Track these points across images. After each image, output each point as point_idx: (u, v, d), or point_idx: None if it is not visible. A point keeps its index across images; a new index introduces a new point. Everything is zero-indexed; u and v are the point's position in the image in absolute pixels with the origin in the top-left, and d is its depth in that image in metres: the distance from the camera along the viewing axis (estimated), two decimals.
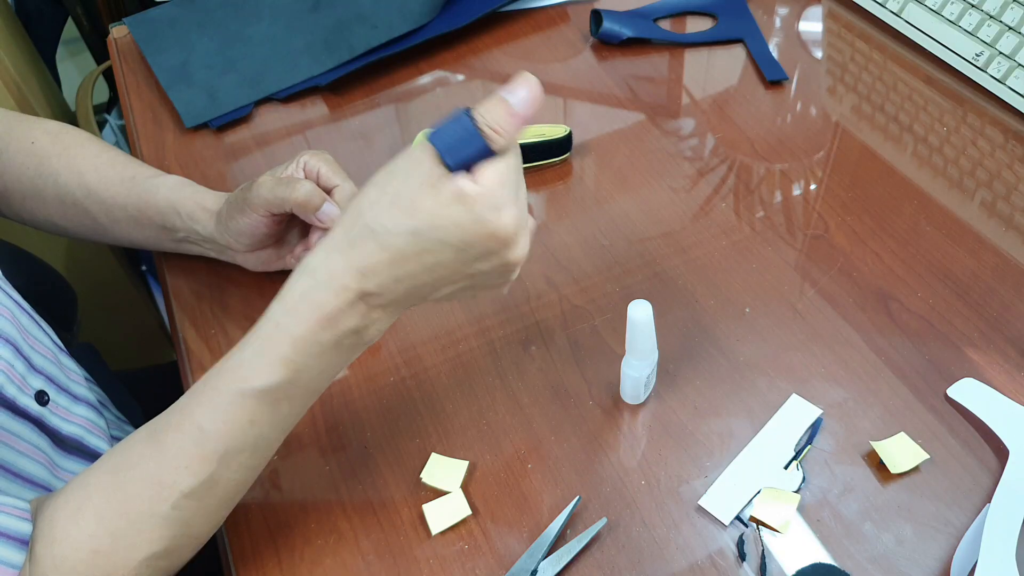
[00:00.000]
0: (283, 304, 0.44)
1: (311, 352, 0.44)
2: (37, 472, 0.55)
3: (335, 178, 0.61)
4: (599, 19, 0.85)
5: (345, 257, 0.43)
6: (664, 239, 0.67)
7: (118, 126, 1.39)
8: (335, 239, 0.44)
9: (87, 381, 0.65)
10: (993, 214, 0.67)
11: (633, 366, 0.54)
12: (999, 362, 0.58)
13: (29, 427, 0.55)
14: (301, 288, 0.44)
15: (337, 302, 0.43)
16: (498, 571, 0.50)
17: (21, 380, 0.55)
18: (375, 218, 0.43)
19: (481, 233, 0.42)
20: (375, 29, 0.85)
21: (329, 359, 0.45)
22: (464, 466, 0.54)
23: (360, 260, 0.43)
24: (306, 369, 0.45)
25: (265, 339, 0.44)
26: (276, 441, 0.48)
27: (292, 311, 0.44)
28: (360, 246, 0.43)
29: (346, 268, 0.43)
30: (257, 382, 0.44)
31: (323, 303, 0.43)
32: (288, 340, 0.44)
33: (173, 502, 0.44)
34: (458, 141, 0.42)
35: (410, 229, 0.42)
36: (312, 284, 0.44)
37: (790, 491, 0.52)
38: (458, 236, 0.42)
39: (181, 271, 0.69)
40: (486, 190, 0.42)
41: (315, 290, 0.44)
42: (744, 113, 0.78)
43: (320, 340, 0.44)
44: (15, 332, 0.54)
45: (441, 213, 0.42)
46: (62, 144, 0.66)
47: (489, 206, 0.42)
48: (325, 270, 0.44)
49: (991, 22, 0.76)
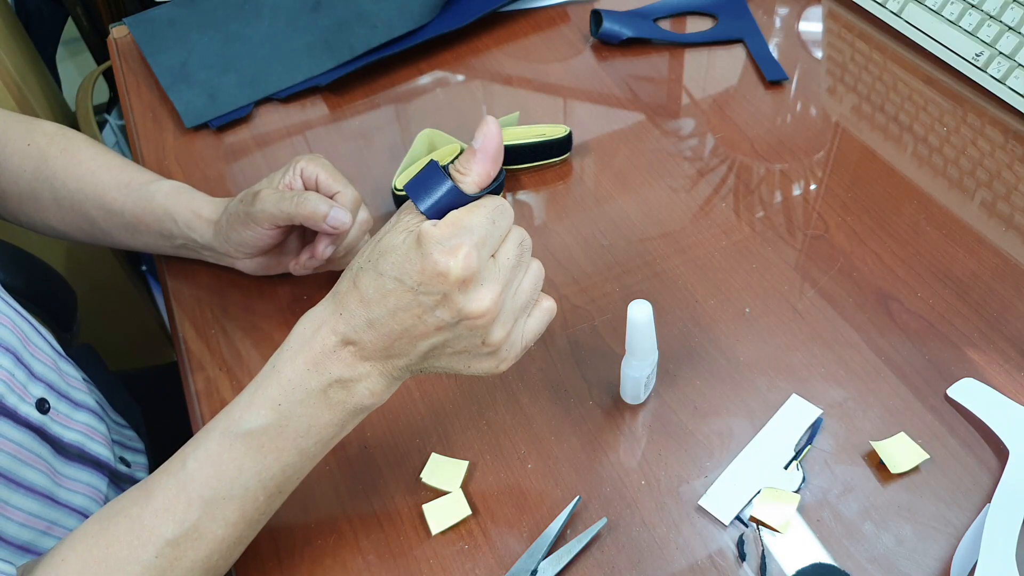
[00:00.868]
0: (280, 349, 0.45)
1: (297, 398, 0.44)
2: (39, 480, 0.55)
3: (335, 184, 0.60)
4: (599, 19, 0.85)
5: (332, 300, 0.45)
6: (664, 239, 0.67)
7: (118, 126, 1.39)
8: (334, 288, 0.46)
9: (87, 384, 0.65)
10: (993, 214, 0.67)
11: (633, 366, 0.54)
12: (999, 362, 0.58)
13: (31, 436, 0.55)
14: (297, 333, 0.45)
15: (321, 345, 0.44)
16: (498, 571, 0.50)
17: (22, 389, 0.55)
18: (358, 259, 0.45)
19: (430, 271, 0.42)
20: (375, 29, 0.85)
21: (317, 411, 0.44)
22: (464, 466, 0.54)
23: (341, 302, 0.44)
24: (292, 417, 0.44)
25: (259, 382, 0.45)
26: (263, 505, 0.46)
27: (284, 354, 0.45)
28: (343, 290, 0.45)
29: (331, 311, 0.44)
30: (244, 424, 0.44)
31: (311, 346, 0.44)
32: (277, 382, 0.44)
33: (156, 549, 0.43)
34: (427, 186, 0.44)
35: (374, 266, 0.43)
36: (304, 328, 0.45)
37: (790, 491, 0.52)
38: (410, 275, 0.42)
39: (181, 272, 0.69)
40: (443, 231, 0.42)
41: (306, 333, 0.45)
42: (744, 113, 0.78)
43: (307, 385, 0.44)
44: (16, 341, 0.54)
45: (401, 252, 0.43)
46: (59, 146, 0.65)
47: (443, 246, 0.42)
48: (317, 315, 0.45)
49: (991, 22, 0.76)
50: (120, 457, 0.66)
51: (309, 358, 0.44)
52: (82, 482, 0.60)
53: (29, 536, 0.54)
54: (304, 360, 0.44)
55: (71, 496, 0.58)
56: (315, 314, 0.45)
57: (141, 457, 0.70)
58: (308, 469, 0.47)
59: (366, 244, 0.46)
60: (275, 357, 0.45)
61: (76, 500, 0.59)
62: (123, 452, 0.67)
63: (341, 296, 0.45)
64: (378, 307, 0.43)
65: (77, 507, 0.59)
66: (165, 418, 0.76)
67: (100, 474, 0.62)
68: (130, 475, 0.66)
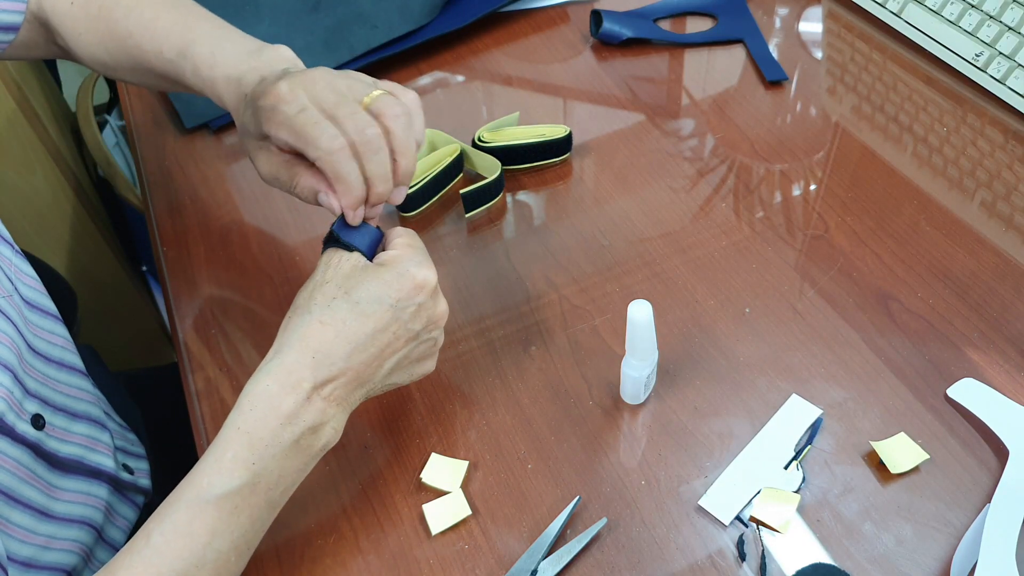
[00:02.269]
0: (241, 408, 0.45)
1: (271, 453, 0.44)
2: (34, 496, 0.55)
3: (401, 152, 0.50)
4: (599, 19, 0.85)
5: (296, 351, 0.45)
6: (664, 239, 0.67)
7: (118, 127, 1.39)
8: (286, 337, 0.46)
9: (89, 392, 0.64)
10: (993, 214, 0.67)
11: (633, 366, 0.54)
12: (999, 362, 0.58)
13: (27, 452, 0.55)
14: (259, 390, 0.45)
15: (294, 397, 0.44)
16: (498, 571, 0.50)
17: (19, 406, 0.55)
18: (311, 302, 0.47)
19: (409, 285, 0.48)
20: (375, 29, 0.85)
21: (288, 462, 0.45)
22: (464, 466, 0.54)
23: (311, 347, 0.45)
24: (265, 473, 0.44)
25: (225, 444, 0.44)
26: (234, 565, 0.45)
27: (251, 413, 0.44)
28: (307, 334, 0.45)
29: (298, 359, 0.45)
30: (216, 488, 0.43)
31: (281, 401, 0.44)
32: (247, 442, 0.44)
33: None
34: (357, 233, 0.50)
35: (346, 298, 0.46)
36: (269, 384, 0.44)
37: (790, 491, 0.52)
38: (390, 293, 0.47)
39: (181, 272, 0.69)
40: (403, 252, 0.49)
41: (272, 389, 0.44)
42: (744, 113, 0.78)
43: (280, 440, 0.44)
44: (13, 358, 0.54)
45: (371, 278, 0.47)
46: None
47: (410, 262, 0.48)
48: (280, 368, 0.45)
49: (991, 22, 0.76)
50: (123, 464, 0.66)
51: (281, 414, 0.44)
52: (81, 492, 0.60)
53: (30, 552, 0.54)
54: (277, 418, 0.44)
55: (69, 508, 0.58)
56: (278, 367, 0.45)
57: (143, 463, 0.70)
58: (271, 520, 0.47)
59: (302, 290, 0.48)
60: (238, 419, 0.44)
61: (75, 511, 0.59)
62: (126, 459, 0.67)
63: (307, 340, 0.45)
64: (359, 334, 0.46)
65: (77, 517, 0.59)
66: (165, 419, 0.76)
67: (100, 482, 0.62)
68: (133, 482, 0.66)
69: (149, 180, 0.77)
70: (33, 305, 0.60)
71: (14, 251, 0.61)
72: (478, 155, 0.72)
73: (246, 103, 0.52)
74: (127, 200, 1.21)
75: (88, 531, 0.59)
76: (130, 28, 0.60)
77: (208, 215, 0.73)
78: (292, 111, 0.48)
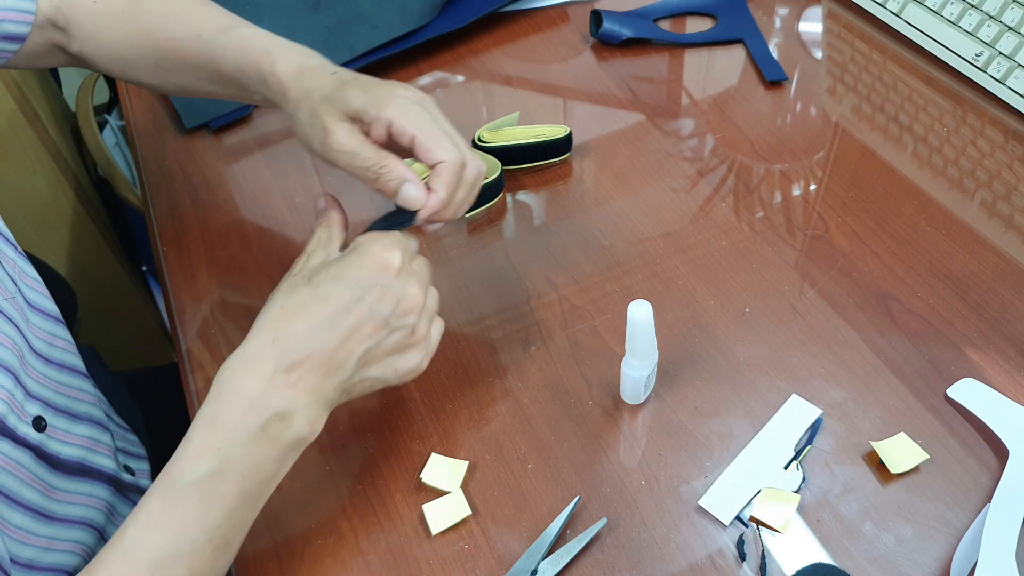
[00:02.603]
0: (209, 397, 0.45)
1: (237, 439, 0.43)
2: (34, 498, 0.55)
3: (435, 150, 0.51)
4: (599, 19, 0.85)
5: (259, 336, 0.45)
6: (664, 239, 0.67)
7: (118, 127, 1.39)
8: (253, 327, 0.46)
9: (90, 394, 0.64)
10: (993, 214, 0.67)
11: (633, 366, 0.54)
12: (999, 362, 0.58)
13: (28, 455, 0.55)
14: (224, 377, 0.45)
15: (257, 381, 0.44)
16: (498, 571, 0.50)
17: (20, 408, 0.55)
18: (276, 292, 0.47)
19: (370, 264, 0.47)
20: (375, 29, 0.85)
21: (258, 450, 0.44)
22: (464, 466, 0.54)
23: (272, 330, 0.45)
24: (234, 460, 0.43)
25: (193, 432, 0.44)
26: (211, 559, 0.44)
27: (217, 399, 0.44)
28: (269, 319, 0.46)
29: (261, 344, 0.45)
30: (185, 476, 0.43)
31: (243, 385, 0.44)
32: (213, 428, 0.43)
33: None
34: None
35: (307, 283, 0.47)
36: (233, 370, 0.45)
37: (790, 491, 0.52)
38: (350, 273, 0.47)
39: (181, 272, 0.69)
40: (367, 237, 0.49)
41: (237, 374, 0.44)
42: (744, 113, 0.78)
43: (246, 425, 0.43)
44: (15, 360, 0.54)
45: (334, 263, 0.48)
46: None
47: (373, 244, 0.48)
48: (243, 354, 0.45)
49: (991, 22, 0.76)
50: (124, 465, 0.66)
51: (246, 399, 0.44)
52: (81, 493, 0.60)
53: (31, 554, 0.54)
54: (240, 402, 0.44)
55: (71, 509, 0.58)
56: (242, 353, 0.45)
57: (144, 463, 0.70)
58: (252, 517, 0.46)
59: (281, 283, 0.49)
60: (205, 407, 0.44)
61: (76, 512, 0.59)
62: (127, 460, 0.67)
63: (269, 323, 0.46)
64: (317, 315, 0.45)
65: (78, 519, 0.59)
66: (165, 419, 0.76)
67: (101, 483, 0.62)
68: (135, 483, 0.66)
69: (149, 180, 0.77)
70: (35, 307, 0.60)
71: (17, 252, 0.61)
72: (478, 155, 0.72)
73: (342, 80, 0.54)
74: (127, 200, 1.21)
75: (90, 532, 0.59)
76: (162, 18, 0.61)
77: (208, 215, 0.73)
78: (427, 115, 0.52)
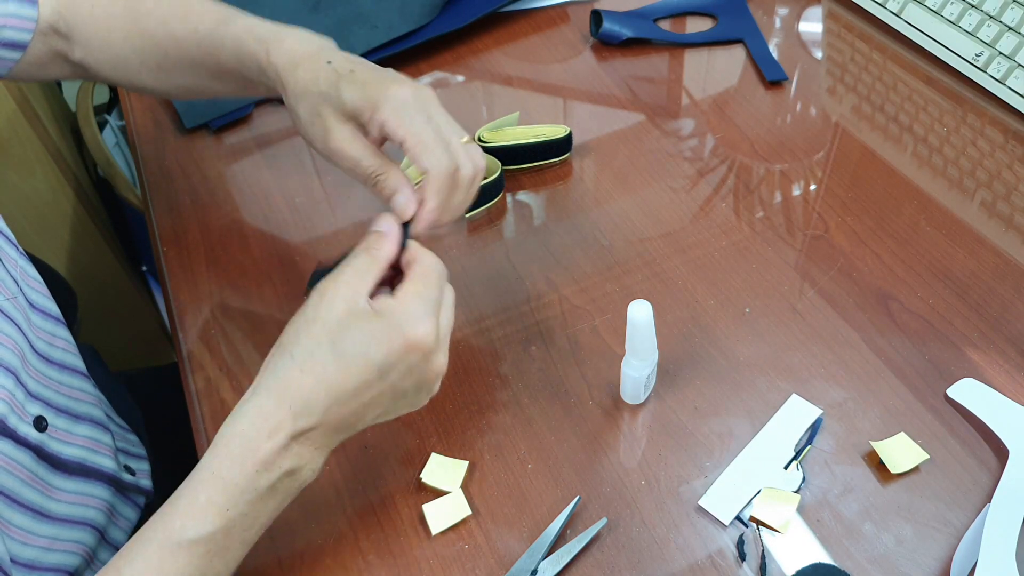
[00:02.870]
0: (216, 451, 0.43)
1: (246, 499, 0.43)
2: (35, 498, 0.55)
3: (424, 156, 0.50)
4: (599, 19, 0.85)
5: (275, 396, 0.43)
6: (664, 239, 0.67)
7: (118, 127, 1.39)
8: (265, 379, 0.44)
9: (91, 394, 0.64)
10: (993, 214, 0.67)
11: (633, 366, 0.54)
12: (999, 362, 0.58)
13: (29, 455, 0.55)
14: (235, 433, 0.43)
15: (271, 445, 0.43)
16: (498, 571, 0.50)
17: (21, 408, 0.54)
18: (295, 344, 0.44)
19: (400, 345, 0.44)
20: (375, 29, 0.85)
21: (264, 505, 0.44)
22: (464, 466, 0.54)
23: (290, 395, 0.43)
24: (240, 518, 0.43)
25: (198, 486, 0.43)
26: None
27: (226, 457, 0.43)
28: (287, 379, 0.43)
29: (277, 406, 0.43)
30: (188, 532, 0.42)
31: (257, 447, 0.42)
32: (222, 487, 0.42)
33: None
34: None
35: (331, 347, 0.43)
36: (245, 428, 0.43)
37: (790, 491, 0.52)
38: (379, 351, 0.43)
39: (181, 272, 0.69)
40: (402, 303, 0.44)
41: (249, 434, 0.43)
42: (744, 113, 0.78)
43: (256, 486, 0.43)
44: (16, 360, 0.54)
45: (361, 327, 0.43)
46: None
47: (407, 317, 0.44)
48: (258, 412, 0.43)
49: (991, 22, 0.76)
50: (125, 466, 0.66)
51: (258, 460, 0.42)
52: (82, 493, 0.60)
53: (32, 554, 0.54)
54: (253, 463, 0.42)
55: (71, 509, 0.58)
56: (256, 411, 0.43)
57: (144, 464, 0.70)
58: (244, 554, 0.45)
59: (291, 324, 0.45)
60: (212, 461, 0.43)
61: (77, 512, 0.59)
62: (127, 460, 0.67)
63: (286, 387, 0.43)
64: (340, 388, 0.43)
65: (79, 519, 0.59)
66: (165, 419, 0.76)
67: (101, 484, 0.62)
68: (134, 483, 0.66)
69: (149, 180, 0.77)
70: (37, 307, 0.60)
71: (18, 252, 0.61)
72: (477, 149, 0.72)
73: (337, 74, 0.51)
74: (127, 200, 1.21)
75: (90, 532, 0.60)
76: (161, 17, 0.60)
77: (208, 215, 0.73)
78: (420, 115, 0.50)
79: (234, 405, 0.45)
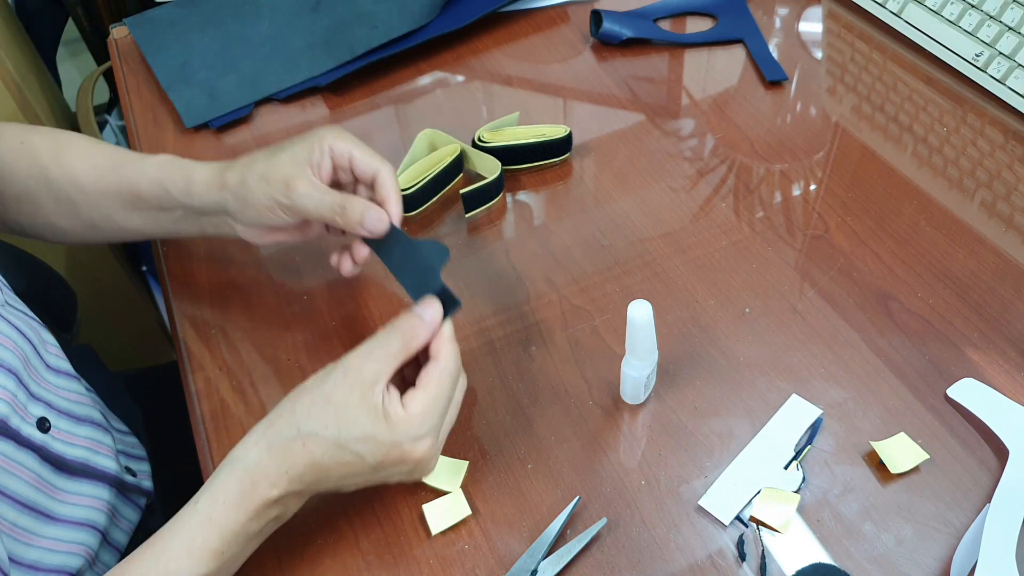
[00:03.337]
0: (214, 498, 0.46)
1: (239, 542, 0.46)
2: (38, 499, 0.55)
3: (372, 162, 0.57)
4: (599, 19, 0.85)
5: (277, 459, 0.46)
6: (664, 239, 0.67)
7: (118, 127, 1.39)
8: (270, 438, 0.47)
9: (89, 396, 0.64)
10: (993, 214, 0.67)
11: (633, 366, 0.54)
12: (999, 362, 0.58)
13: (32, 456, 0.55)
14: (233, 483, 0.46)
15: (264, 498, 0.46)
16: (498, 571, 0.50)
17: (23, 409, 0.55)
18: (306, 419, 0.47)
19: (395, 456, 0.47)
20: (375, 29, 0.85)
21: (251, 545, 0.48)
22: (464, 466, 0.54)
23: (289, 462, 0.46)
24: (232, 558, 0.47)
25: (195, 532, 0.45)
26: None
27: (224, 505, 0.46)
28: (289, 448, 0.46)
29: (278, 472, 0.46)
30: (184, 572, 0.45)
31: (253, 498, 0.46)
32: (218, 533, 0.45)
33: None
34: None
35: (336, 434, 0.46)
36: (244, 481, 0.46)
37: (790, 491, 0.52)
38: (374, 454, 0.47)
39: (181, 272, 0.69)
40: (410, 418, 0.47)
41: (248, 489, 0.46)
42: (744, 113, 0.78)
43: (248, 532, 0.46)
44: (17, 362, 0.54)
45: (366, 426, 0.46)
46: (54, 142, 0.64)
47: (410, 435, 0.47)
48: (259, 470, 0.46)
49: (991, 22, 0.76)
50: (126, 467, 0.66)
51: (251, 509, 0.46)
52: (84, 495, 0.60)
53: (35, 555, 0.54)
54: (246, 511, 0.46)
55: (73, 510, 0.58)
56: (256, 465, 0.46)
57: (145, 465, 0.70)
58: None
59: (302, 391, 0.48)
60: (207, 504, 0.46)
61: (79, 513, 0.59)
62: (128, 461, 0.67)
63: (288, 453, 0.46)
64: (329, 472, 0.47)
65: (81, 520, 0.59)
66: (165, 419, 0.76)
67: (103, 485, 0.62)
68: (136, 484, 0.66)
69: None
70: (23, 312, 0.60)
71: None
72: (478, 155, 0.72)
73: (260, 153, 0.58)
74: None
75: (92, 533, 0.60)
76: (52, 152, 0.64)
77: None
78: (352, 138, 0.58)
79: (233, 405, 0.46)
